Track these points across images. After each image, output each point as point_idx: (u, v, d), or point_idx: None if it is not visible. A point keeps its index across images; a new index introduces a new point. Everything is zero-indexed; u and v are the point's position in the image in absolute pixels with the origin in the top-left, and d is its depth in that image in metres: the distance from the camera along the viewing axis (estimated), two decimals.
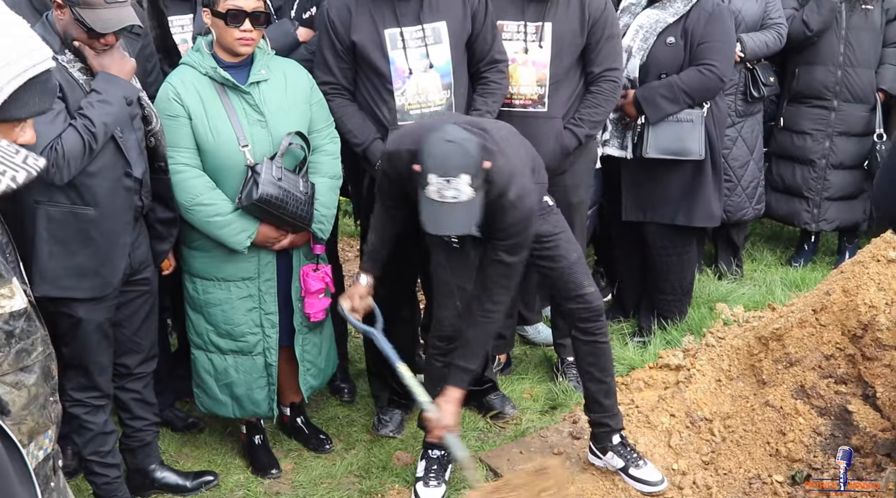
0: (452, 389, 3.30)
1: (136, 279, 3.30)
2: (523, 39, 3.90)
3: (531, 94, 3.93)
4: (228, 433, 4.08)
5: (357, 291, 3.44)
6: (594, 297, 3.49)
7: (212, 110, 3.38)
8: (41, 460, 1.94)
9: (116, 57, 3.03)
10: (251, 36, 3.33)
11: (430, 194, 2.91)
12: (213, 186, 3.41)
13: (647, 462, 3.60)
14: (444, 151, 2.91)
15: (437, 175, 2.89)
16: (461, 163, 2.90)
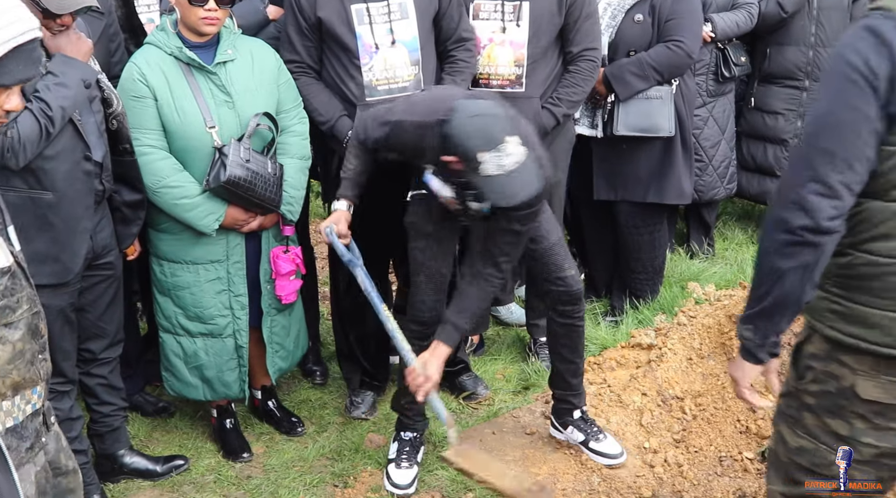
0: (440, 344, 3.23)
1: (100, 264, 3.25)
2: (501, 19, 3.87)
3: (508, 74, 3.91)
4: (199, 417, 4.05)
5: (342, 216, 3.30)
6: (574, 280, 3.49)
7: (178, 91, 3.33)
8: (29, 414, 1.99)
9: (73, 38, 2.97)
10: (216, 15, 3.28)
11: (489, 172, 2.75)
12: (179, 168, 3.37)
13: (607, 435, 3.64)
14: (479, 125, 2.80)
15: (486, 151, 2.75)
16: (501, 127, 2.79)
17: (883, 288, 2.04)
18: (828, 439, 2.18)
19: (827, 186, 1.94)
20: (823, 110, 1.99)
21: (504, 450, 3.73)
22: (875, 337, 2.06)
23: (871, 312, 2.06)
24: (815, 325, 2.18)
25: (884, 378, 2.08)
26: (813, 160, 1.96)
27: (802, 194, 1.95)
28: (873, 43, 1.90)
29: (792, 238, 1.98)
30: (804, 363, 2.22)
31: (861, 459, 2.16)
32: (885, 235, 2.02)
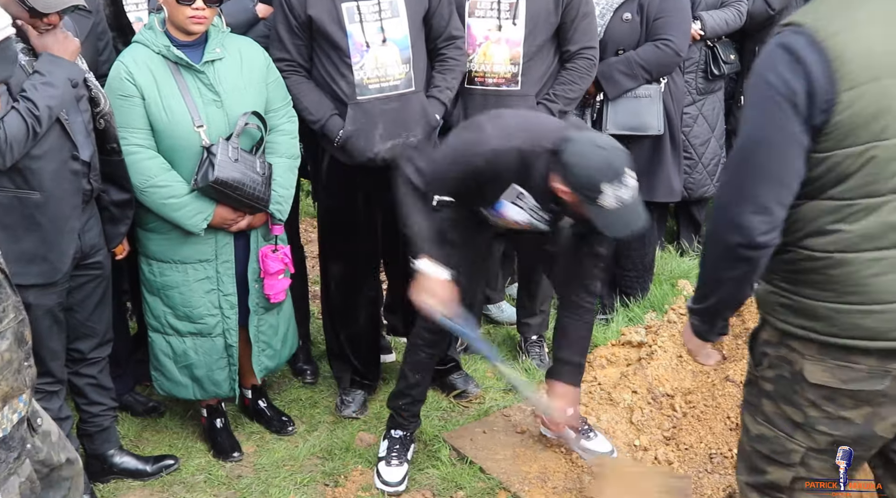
0: (568, 386, 3.33)
1: (88, 263, 3.24)
2: (497, 17, 3.86)
3: (504, 72, 3.90)
4: (189, 417, 4.05)
5: (434, 283, 3.06)
6: None
7: (165, 90, 3.32)
8: (15, 423, 1.97)
9: (60, 37, 2.95)
10: (203, 14, 3.27)
11: (607, 204, 2.76)
12: (167, 168, 3.36)
13: (598, 433, 3.64)
14: (606, 156, 2.79)
15: (609, 182, 2.75)
16: (622, 159, 2.80)
17: (824, 281, 2.12)
18: (785, 427, 2.26)
19: (759, 205, 2.05)
20: (751, 132, 2.10)
21: (494, 449, 3.73)
22: (821, 328, 2.14)
23: (816, 304, 2.14)
24: (766, 316, 2.29)
25: (830, 362, 2.15)
26: (745, 181, 2.08)
27: (737, 214, 2.07)
28: (788, 61, 1.99)
29: (729, 254, 2.12)
30: (760, 350, 2.32)
31: (817, 448, 2.23)
32: (818, 232, 2.11)
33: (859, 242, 2.07)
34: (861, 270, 2.08)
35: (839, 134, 2.01)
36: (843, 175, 2.04)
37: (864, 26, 2.00)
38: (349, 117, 3.59)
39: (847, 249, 2.08)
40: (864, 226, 2.06)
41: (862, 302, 2.10)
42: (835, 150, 2.02)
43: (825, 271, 2.11)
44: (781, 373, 2.24)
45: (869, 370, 2.13)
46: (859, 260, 2.08)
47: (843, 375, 2.14)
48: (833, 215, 2.08)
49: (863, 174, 2.03)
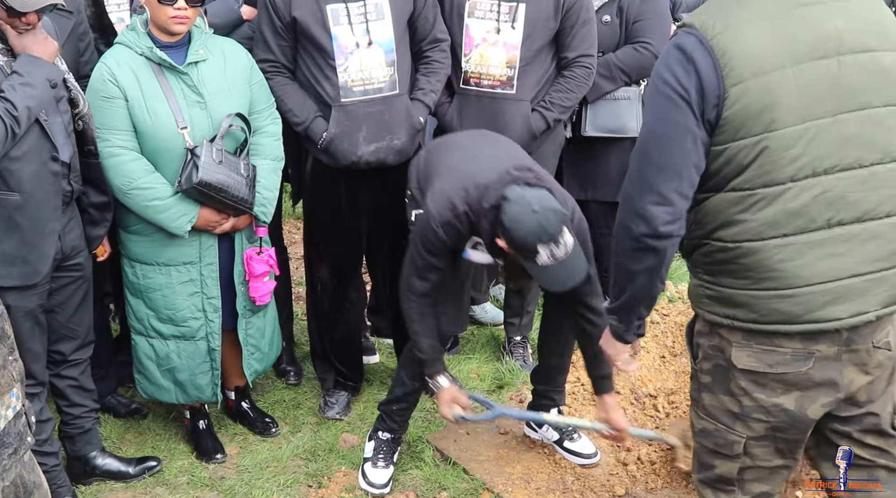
0: (607, 396, 3.37)
1: (69, 265, 3.22)
2: (496, 19, 3.86)
3: (500, 75, 3.90)
4: (172, 419, 4.03)
5: (450, 393, 3.38)
6: None
7: (149, 91, 3.31)
8: (11, 419, 1.97)
9: (39, 37, 2.93)
10: (185, 14, 3.25)
11: (543, 262, 2.90)
12: (151, 170, 3.35)
13: (582, 435, 3.66)
14: (539, 221, 2.88)
15: (543, 244, 2.87)
16: (557, 220, 2.90)
17: (739, 269, 2.20)
18: (725, 419, 2.33)
19: (660, 196, 2.14)
20: (649, 127, 2.20)
21: (478, 450, 3.74)
22: (743, 314, 2.22)
23: (735, 292, 2.22)
24: (696, 309, 2.36)
25: (756, 347, 2.23)
26: (646, 173, 2.17)
27: (640, 205, 2.17)
28: (681, 60, 2.11)
29: (636, 244, 2.20)
30: (695, 342, 2.39)
31: (756, 436, 2.30)
32: (727, 223, 2.19)
33: (764, 231, 2.15)
34: (770, 256, 2.16)
35: (732, 127, 2.10)
36: (741, 166, 2.13)
37: (746, 24, 2.10)
38: (333, 120, 3.59)
39: (754, 237, 2.16)
40: (767, 214, 2.14)
41: (776, 287, 2.17)
42: (729, 143, 2.12)
43: (738, 260, 2.19)
44: (717, 362, 2.31)
45: (793, 353, 2.20)
46: (767, 247, 2.16)
47: (769, 359, 2.22)
48: (738, 206, 2.16)
49: (758, 164, 2.12)
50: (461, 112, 3.93)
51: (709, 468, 2.41)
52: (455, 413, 3.37)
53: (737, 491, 2.39)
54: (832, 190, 2.13)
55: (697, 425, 2.41)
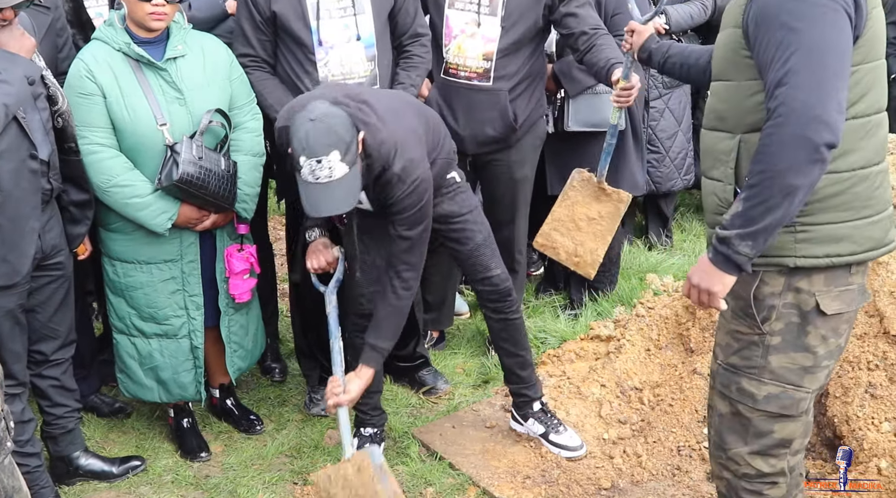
0: (364, 367, 3.26)
1: (49, 264, 3.20)
2: (476, 10, 3.84)
3: (476, 67, 3.88)
4: (157, 417, 4.01)
5: (317, 248, 3.38)
6: (500, 279, 3.50)
7: (127, 88, 3.28)
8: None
9: (16, 34, 2.90)
10: (163, 10, 3.22)
11: (304, 177, 2.83)
12: (130, 167, 3.32)
13: (567, 428, 3.66)
14: (309, 131, 2.81)
15: (306, 157, 2.80)
16: (328, 140, 2.80)
17: (847, 201, 2.28)
18: (794, 377, 2.40)
19: (839, 104, 2.12)
20: (821, 37, 2.13)
21: (464, 444, 3.73)
22: (845, 248, 2.29)
23: (837, 227, 2.28)
24: (777, 262, 2.33)
25: (836, 290, 2.33)
26: (826, 81, 2.11)
27: (824, 111, 2.09)
28: None
29: (814, 155, 2.11)
30: (766, 305, 2.37)
31: (818, 387, 2.43)
32: (847, 152, 2.24)
33: (872, 157, 2.29)
34: (873, 183, 2.30)
35: (866, 48, 2.23)
36: (864, 90, 2.25)
37: None
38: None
39: (867, 164, 2.28)
40: (874, 142, 2.29)
41: (871, 214, 2.31)
42: (860, 64, 2.22)
43: (850, 190, 2.27)
44: (790, 319, 2.36)
45: (858, 287, 2.36)
46: (872, 174, 2.30)
47: (848, 297, 2.35)
48: (857, 133, 2.25)
49: (875, 91, 2.27)
50: (440, 102, 3.92)
51: (766, 435, 2.46)
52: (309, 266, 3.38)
53: (788, 453, 2.48)
54: (884, 125, 2.34)
55: (760, 393, 2.43)
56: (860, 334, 3.38)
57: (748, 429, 2.48)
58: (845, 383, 3.34)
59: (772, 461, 2.47)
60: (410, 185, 3.03)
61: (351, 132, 2.86)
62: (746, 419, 2.47)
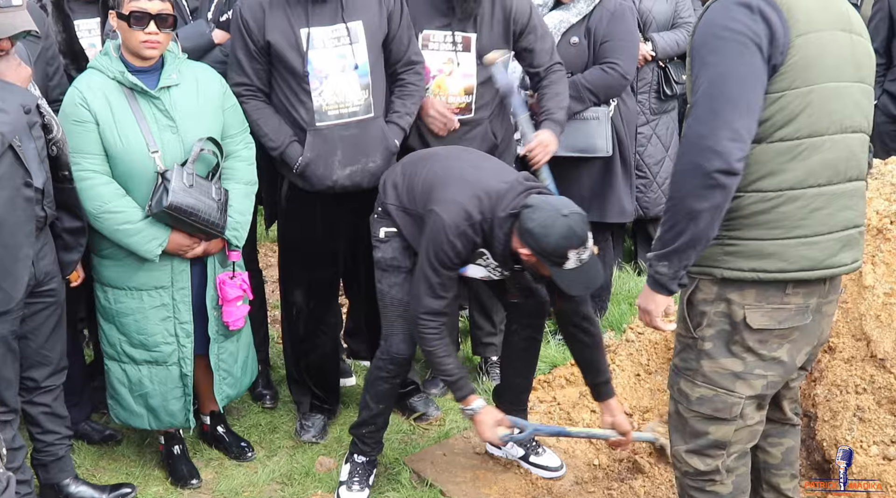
0: (612, 401, 3.45)
1: (42, 290, 3.21)
2: (451, 50, 3.88)
3: (459, 103, 3.93)
4: (147, 444, 4.00)
5: (493, 415, 3.35)
6: (545, 291, 3.54)
7: (120, 116, 3.31)
8: None
9: (13, 63, 2.94)
10: (157, 38, 3.27)
11: (570, 266, 2.96)
12: (122, 194, 3.34)
13: (546, 449, 3.67)
14: (570, 224, 2.95)
15: (574, 248, 2.94)
16: (584, 224, 2.98)
17: (774, 219, 2.37)
18: (726, 382, 2.51)
19: (735, 132, 2.25)
20: (723, 68, 2.29)
21: (455, 471, 3.72)
22: (771, 265, 2.39)
23: (765, 243, 2.38)
24: (707, 271, 2.47)
25: (767, 307, 2.43)
26: (721, 110, 2.26)
27: (715, 140, 2.25)
28: (746, 12, 2.28)
29: (707, 181, 2.27)
30: (698, 311, 2.51)
31: (752, 394, 2.52)
32: (771, 173, 2.36)
33: (806, 179, 2.35)
34: (807, 204, 2.37)
35: (790, 75, 2.31)
36: (792, 115, 2.32)
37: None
38: (308, 144, 3.59)
39: (796, 185, 2.35)
40: (809, 164, 2.35)
41: (806, 235, 2.38)
42: (785, 91, 2.31)
43: (777, 209, 2.36)
44: (721, 327, 2.48)
45: (796, 308, 2.44)
46: (806, 196, 2.36)
47: (779, 315, 2.44)
48: (785, 155, 2.34)
49: (807, 114, 2.33)
50: (424, 134, 3.95)
51: (701, 436, 2.58)
52: (501, 434, 3.35)
53: (724, 454, 2.58)
54: (850, 147, 2.40)
55: (693, 394, 2.55)
56: (847, 358, 3.40)
57: (686, 428, 2.61)
58: (833, 407, 3.36)
59: (707, 460, 2.59)
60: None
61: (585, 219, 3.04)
62: (684, 419, 2.61)
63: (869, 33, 5.21)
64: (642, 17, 5.11)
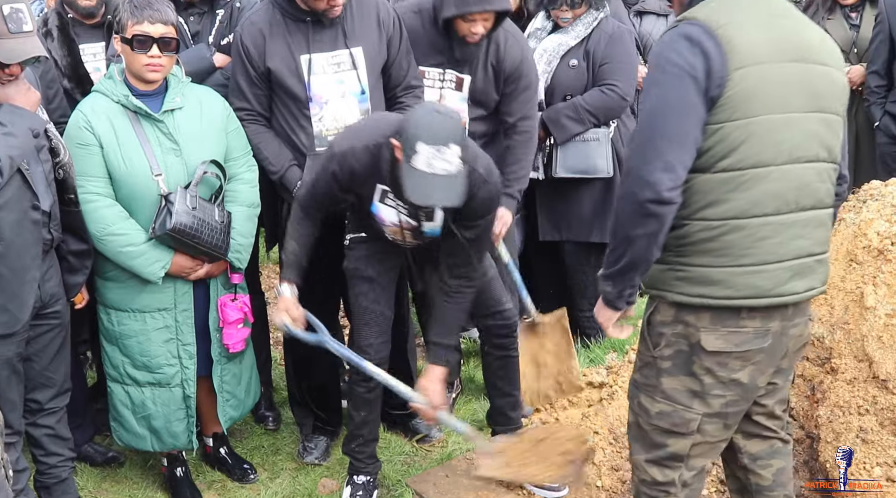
0: (433, 367, 3.33)
1: (47, 313, 3.22)
2: (443, 86, 3.93)
3: None
4: (150, 467, 4.00)
5: (287, 303, 3.36)
6: (511, 312, 3.60)
7: (124, 139, 3.34)
8: None
9: (22, 88, 2.97)
10: (159, 62, 3.30)
11: (418, 165, 2.86)
12: (125, 216, 3.37)
13: None
14: (435, 120, 2.90)
15: (427, 144, 2.85)
16: (452, 133, 2.89)
17: (720, 247, 2.40)
18: (684, 399, 2.55)
19: (666, 163, 2.31)
20: (658, 101, 2.37)
21: (458, 493, 3.71)
22: (717, 291, 2.42)
23: (712, 270, 2.42)
24: (661, 294, 2.53)
25: (723, 330, 2.46)
26: (654, 142, 2.34)
27: (647, 171, 2.32)
28: (687, 45, 2.33)
29: (640, 210, 2.34)
30: (656, 331, 2.57)
31: (712, 412, 2.55)
32: (715, 202, 2.39)
33: (750, 209, 2.38)
34: (753, 234, 2.39)
35: (730, 107, 2.33)
36: (733, 146, 2.35)
37: (744, 22, 2.38)
38: (308, 168, 3.61)
39: (740, 215, 2.38)
40: (753, 194, 2.38)
41: (753, 263, 2.41)
42: (725, 123, 2.34)
43: (721, 238, 2.40)
44: (679, 348, 2.52)
45: (754, 331, 2.46)
46: (751, 225, 2.39)
47: (735, 339, 2.46)
48: (727, 186, 2.37)
49: (748, 145, 2.35)
50: None
51: (660, 448, 2.63)
52: (282, 321, 3.34)
53: (682, 467, 2.63)
54: (801, 177, 2.42)
55: (653, 409, 2.61)
56: (850, 379, 3.40)
57: (645, 439, 2.67)
58: (836, 428, 3.35)
59: (666, 471, 2.64)
60: (494, 185, 3.14)
61: (464, 136, 2.97)
62: (644, 431, 2.67)
63: (870, 55, 5.25)
64: (642, 39, 5.15)
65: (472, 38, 3.75)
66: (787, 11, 2.49)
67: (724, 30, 2.34)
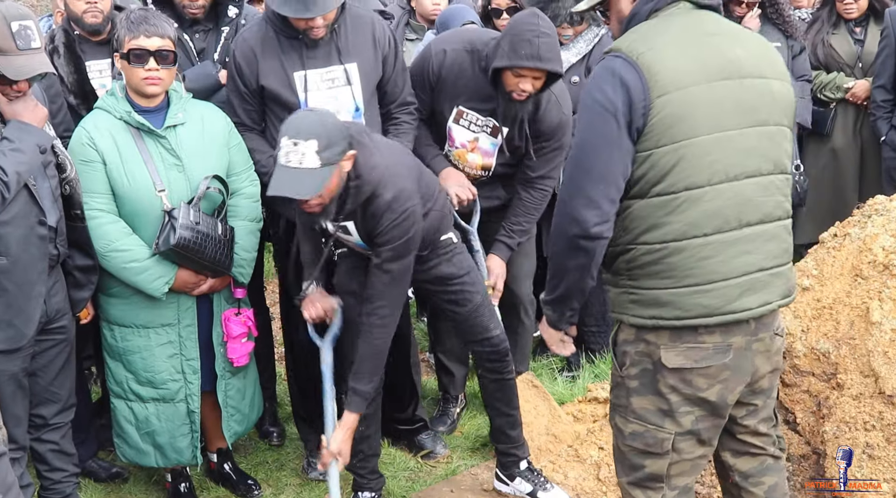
0: (347, 413, 3.28)
1: (53, 328, 3.23)
2: (480, 130, 3.92)
3: (474, 174, 3.99)
4: (154, 482, 4.00)
5: (314, 297, 3.43)
6: (500, 339, 3.57)
7: (127, 155, 3.35)
8: None
9: (30, 104, 2.99)
10: (158, 75, 3.30)
11: (279, 158, 2.93)
12: (129, 232, 3.38)
13: (554, 486, 3.66)
14: (301, 116, 2.98)
15: (287, 137, 2.91)
16: (313, 129, 2.92)
17: (664, 270, 2.43)
18: (654, 419, 2.55)
19: (590, 200, 2.38)
20: (580, 140, 2.46)
21: None
22: (668, 312, 2.44)
23: (660, 292, 2.44)
24: (620, 316, 2.56)
25: (682, 346, 2.46)
26: (578, 179, 2.42)
27: (572, 208, 2.41)
28: (609, 79, 2.38)
29: (569, 244, 2.44)
30: (621, 351, 2.59)
31: (683, 431, 2.53)
32: (653, 226, 2.42)
33: (688, 230, 2.40)
34: (694, 254, 2.41)
35: (656, 134, 2.36)
36: (664, 171, 2.38)
37: (666, 47, 2.40)
38: None
39: (679, 237, 2.40)
40: (689, 215, 2.39)
41: (697, 283, 2.42)
42: (653, 149, 2.37)
43: (664, 261, 2.42)
44: (644, 366, 2.53)
45: (714, 347, 2.46)
46: (691, 246, 2.40)
47: (695, 355, 2.46)
48: (663, 210, 2.40)
49: (680, 169, 2.37)
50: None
51: (639, 469, 2.61)
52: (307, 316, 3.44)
53: (664, 487, 2.61)
54: (741, 194, 2.42)
55: (627, 429, 2.60)
56: (856, 395, 3.39)
57: (624, 461, 2.67)
58: (843, 444, 3.34)
59: (648, 493, 2.62)
60: (400, 215, 3.10)
61: (339, 138, 2.96)
62: (622, 452, 2.66)
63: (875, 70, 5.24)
64: None
65: (518, 94, 3.70)
66: (719, 28, 2.50)
67: (644, 58, 2.36)
